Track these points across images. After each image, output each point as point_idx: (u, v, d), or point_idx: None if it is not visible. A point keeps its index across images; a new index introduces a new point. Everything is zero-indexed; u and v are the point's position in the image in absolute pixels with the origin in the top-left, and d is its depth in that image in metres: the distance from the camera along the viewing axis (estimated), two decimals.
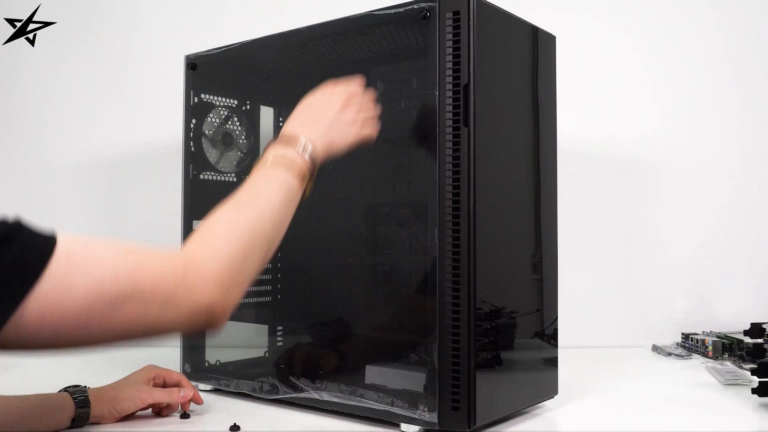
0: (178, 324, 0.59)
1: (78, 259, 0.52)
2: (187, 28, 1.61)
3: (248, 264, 0.65)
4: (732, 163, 1.57)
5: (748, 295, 1.55)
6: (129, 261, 0.55)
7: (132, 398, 0.91)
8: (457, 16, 0.86)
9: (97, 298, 0.52)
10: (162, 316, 0.56)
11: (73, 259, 0.52)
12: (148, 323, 0.56)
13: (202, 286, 0.59)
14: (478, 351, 0.84)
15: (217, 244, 0.63)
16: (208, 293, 0.59)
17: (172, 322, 0.58)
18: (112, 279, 0.53)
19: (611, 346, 1.50)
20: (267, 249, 0.69)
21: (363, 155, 1.03)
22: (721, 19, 1.58)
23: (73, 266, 0.52)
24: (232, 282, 0.62)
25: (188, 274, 0.58)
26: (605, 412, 1.00)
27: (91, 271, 0.52)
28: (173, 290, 0.57)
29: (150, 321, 0.56)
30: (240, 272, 0.63)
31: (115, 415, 0.90)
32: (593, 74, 1.57)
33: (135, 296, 0.54)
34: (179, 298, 0.57)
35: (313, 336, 1.08)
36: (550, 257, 1.00)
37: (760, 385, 0.97)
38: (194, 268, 0.59)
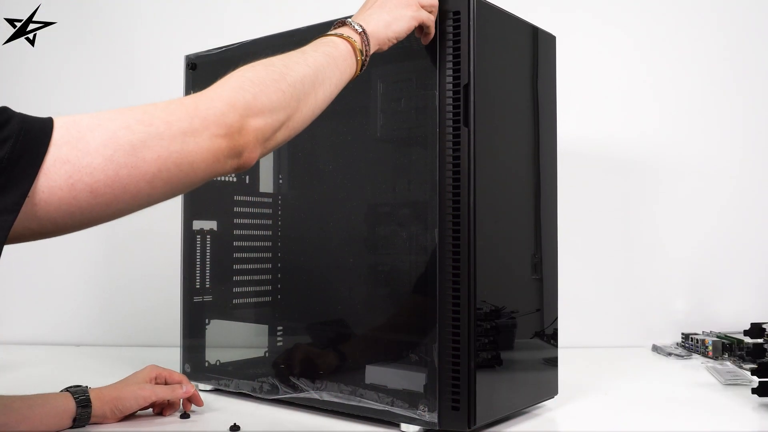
0: (205, 159, 0.58)
1: (88, 122, 0.54)
2: (187, 28, 1.61)
3: (269, 97, 0.64)
4: (732, 163, 1.57)
5: (748, 295, 1.55)
6: (136, 110, 0.57)
7: (134, 396, 0.91)
8: (457, 16, 0.86)
9: (117, 146, 0.54)
10: (185, 150, 0.57)
11: (82, 123, 0.54)
12: (175, 162, 0.56)
13: (215, 110, 0.59)
14: (478, 351, 0.84)
15: (231, 77, 0.64)
16: (222, 116, 0.59)
17: (198, 155, 0.58)
18: (124, 127, 0.55)
19: (611, 346, 1.50)
20: (297, 95, 0.67)
21: (363, 155, 1.03)
22: (721, 19, 1.58)
23: (85, 129, 0.53)
24: (247, 106, 0.61)
25: (199, 104, 0.59)
26: (605, 412, 1.00)
27: (103, 127, 0.54)
28: (188, 121, 0.57)
29: (176, 159, 0.56)
30: (256, 99, 0.62)
31: (117, 415, 0.90)
32: (593, 74, 1.57)
33: (152, 136, 0.55)
34: (195, 128, 0.57)
35: (313, 336, 1.08)
36: (550, 257, 1.00)
37: (760, 385, 0.97)
38: (206, 97, 0.60)
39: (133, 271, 1.60)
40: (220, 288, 1.16)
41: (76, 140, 0.53)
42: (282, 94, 0.66)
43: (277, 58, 0.70)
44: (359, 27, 0.76)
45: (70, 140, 0.53)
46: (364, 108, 0.99)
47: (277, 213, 1.18)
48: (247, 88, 0.63)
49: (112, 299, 1.61)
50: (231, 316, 1.17)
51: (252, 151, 0.62)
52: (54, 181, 0.52)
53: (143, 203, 0.58)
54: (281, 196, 1.18)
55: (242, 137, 0.61)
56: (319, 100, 0.71)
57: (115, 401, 0.89)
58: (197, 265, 1.15)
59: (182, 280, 1.16)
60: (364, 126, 1.02)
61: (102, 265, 1.62)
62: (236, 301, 1.16)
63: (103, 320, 1.60)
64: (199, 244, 1.15)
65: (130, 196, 0.56)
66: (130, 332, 1.58)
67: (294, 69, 0.68)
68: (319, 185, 1.10)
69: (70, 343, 1.57)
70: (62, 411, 0.85)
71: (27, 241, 0.54)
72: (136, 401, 0.91)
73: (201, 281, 1.16)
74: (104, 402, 0.89)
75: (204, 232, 1.16)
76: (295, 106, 0.67)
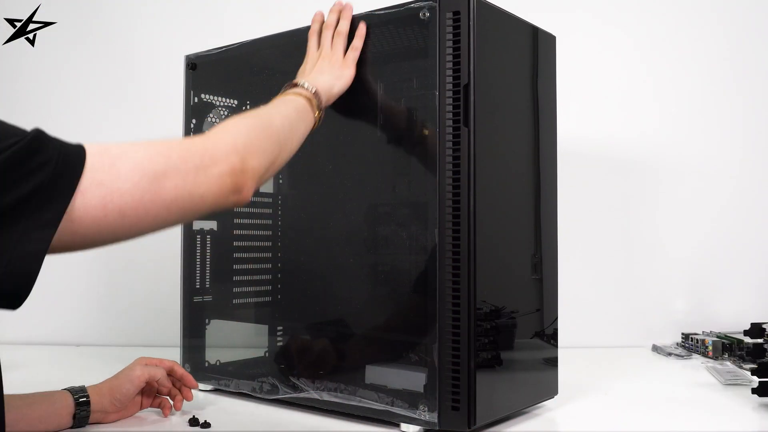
0: (212, 192, 0.67)
1: (116, 151, 0.62)
2: (187, 28, 1.61)
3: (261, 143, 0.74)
4: (732, 163, 1.57)
5: (748, 295, 1.55)
6: (156, 144, 0.65)
7: (128, 379, 0.92)
8: (457, 16, 0.86)
9: (143, 174, 0.61)
10: (198, 183, 0.65)
11: (112, 152, 0.61)
12: (189, 192, 0.65)
13: (221, 152, 0.69)
14: (478, 351, 0.84)
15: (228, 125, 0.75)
16: (227, 157, 0.69)
17: (207, 188, 0.66)
18: (148, 159, 0.63)
19: (611, 346, 1.50)
20: (279, 142, 0.78)
21: (363, 155, 1.03)
22: (721, 19, 1.58)
23: (114, 157, 0.61)
24: (246, 149, 0.71)
25: (207, 145, 0.69)
26: (605, 412, 1.00)
27: (130, 156, 0.62)
28: (200, 159, 0.66)
29: (190, 189, 0.65)
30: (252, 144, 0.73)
31: (116, 405, 0.91)
32: (593, 74, 1.57)
33: (171, 168, 0.64)
34: (206, 165, 0.67)
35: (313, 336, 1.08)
36: (550, 257, 1.00)
37: (760, 385, 0.97)
38: (212, 140, 0.70)
39: (133, 271, 1.60)
40: (220, 288, 1.16)
41: (109, 166, 0.60)
42: (270, 141, 0.76)
43: (261, 111, 0.81)
44: (312, 88, 0.88)
45: (103, 165, 0.59)
46: (364, 108, 0.99)
47: (277, 213, 1.18)
48: (245, 134, 0.73)
49: (112, 299, 1.61)
50: (231, 316, 1.17)
51: (249, 189, 0.72)
52: (90, 201, 0.58)
53: (159, 226, 0.65)
54: (281, 196, 1.18)
55: (243, 176, 0.70)
56: (293, 146, 0.83)
57: (111, 391, 0.91)
58: (197, 265, 1.15)
59: (182, 280, 1.16)
60: (364, 126, 1.02)
61: (102, 265, 1.62)
62: (236, 301, 1.16)
63: (103, 320, 1.60)
64: (199, 244, 1.15)
65: (150, 218, 0.63)
66: (130, 332, 1.58)
67: (276, 120, 0.80)
68: (319, 185, 1.10)
69: (70, 343, 1.57)
70: (61, 408, 0.86)
71: (59, 253, 0.60)
72: (131, 383, 0.92)
73: (201, 281, 1.16)
74: (101, 395, 0.90)
75: (204, 232, 1.16)
76: (278, 152, 0.78)
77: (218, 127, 0.74)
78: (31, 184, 0.55)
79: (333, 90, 0.91)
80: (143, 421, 0.94)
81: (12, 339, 1.57)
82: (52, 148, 0.57)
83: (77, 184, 0.57)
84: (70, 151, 0.58)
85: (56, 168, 0.56)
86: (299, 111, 0.85)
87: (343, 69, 0.93)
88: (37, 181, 0.55)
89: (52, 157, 0.56)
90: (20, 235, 0.54)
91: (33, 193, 0.55)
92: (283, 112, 0.83)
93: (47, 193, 0.56)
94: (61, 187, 0.56)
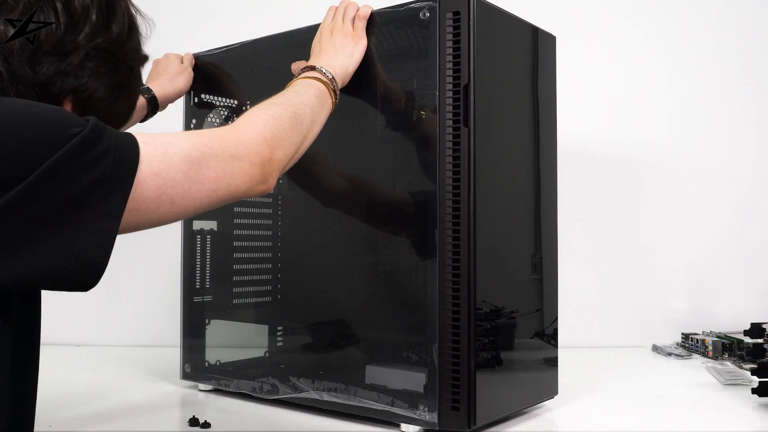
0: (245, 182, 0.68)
1: (165, 140, 0.62)
2: (186, 28, 1.61)
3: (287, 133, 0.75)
4: (732, 163, 1.57)
5: (748, 295, 1.55)
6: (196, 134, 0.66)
7: None
8: (457, 16, 0.86)
9: (191, 163, 0.63)
10: (234, 172, 0.67)
11: (162, 140, 0.62)
12: (227, 182, 0.66)
13: (252, 142, 0.70)
14: (478, 351, 0.84)
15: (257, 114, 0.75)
16: (258, 147, 0.70)
17: (240, 178, 0.68)
18: (193, 147, 0.64)
19: (611, 346, 1.50)
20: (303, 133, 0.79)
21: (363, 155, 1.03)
22: (723, 19, 1.58)
23: (166, 146, 0.62)
24: (274, 140, 0.73)
25: (240, 134, 0.70)
26: (605, 412, 1.00)
27: (178, 146, 0.63)
28: (234, 148, 0.68)
29: (228, 179, 0.66)
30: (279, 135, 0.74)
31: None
32: (593, 74, 1.57)
33: (211, 157, 0.65)
34: (240, 154, 0.68)
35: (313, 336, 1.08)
36: (550, 257, 1.00)
37: (760, 385, 0.97)
38: (243, 130, 0.72)
39: (133, 271, 1.60)
40: (220, 288, 1.16)
41: (163, 155, 0.61)
42: (294, 132, 0.77)
43: (286, 98, 0.82)
44: (329, 73, 0.88)
45: (158, 155, 0.60)
46: (364, 108, 0.99)
47: (277, 213, 1.18)
48: (273, 125, 0.74)
49: (112, 299, 1.61)
50: (231, 316, 1.17)
51: (273, 179, 0.73)
52: (146, 191, 0.59)
53: (198, 213, 0.67)
54: (281, 196, 1.18)
55: (270, 166, 0.71)
56: (314, 134, 0.84)
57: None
58: (197, 265, 1.15)
59: (182, 280, 1.16)
60: (364, 126, 1.02)
61: None
62: (236, 301, 1.16)
63: (103, 320, 1.60)
64: (199, 244, 1.15)
65: (194, 207, 0.64)
66: (130, 332, 1.58)
67: (300, 110, 0.80)
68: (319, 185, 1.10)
69: (70, 343, 1.57)
70: None
71: None
72: None
73: (201, 281, 1.16)
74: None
75: (204, 232, 1.16)
76: (301, 142, 0.79)
77: (247, 115, 0.75)
78: (94, 173, 0.55)
79: (348, 69, 0.92)
80: (143, 422, 0.94)
81: None
82: (109, 137, 0.57)
83: (136, 173, 0.57)
84: (126, 140, 0.58)
85: (116, 157, 0.56)
86: (320, 97, 0.85)
87: (356, 44, 0.94)
88: (100, 171, 0.55)
89: (111, 147, 0.56)
90: (88, 225, 0.54)
91: (96, 183, 0.55)
92: (306, 100, 0.83)
93: (110, 182, 0.56)
94: (123, 176, 0.57)
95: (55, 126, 0.54)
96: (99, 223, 0.55)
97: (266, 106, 0.78)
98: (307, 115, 0.81)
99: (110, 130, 0.58)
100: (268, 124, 0.74)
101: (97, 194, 0.55)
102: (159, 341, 1.50)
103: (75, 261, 0.54)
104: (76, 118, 0.56)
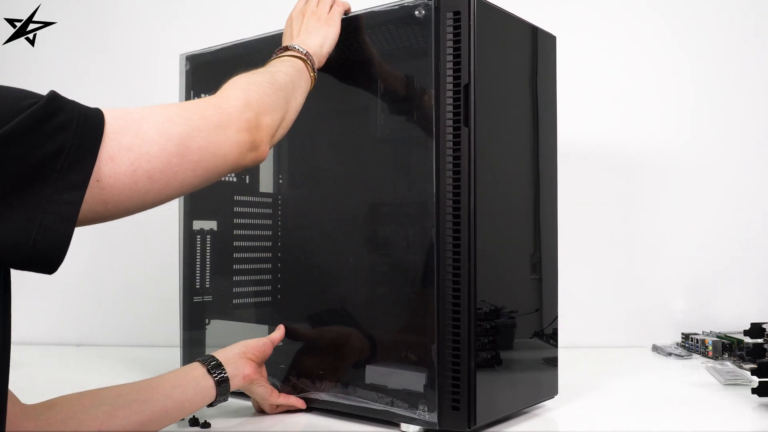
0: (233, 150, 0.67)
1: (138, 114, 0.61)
2: (187, 28, 1.61)
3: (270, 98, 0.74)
4: (732, 162, 1.57)
5: (748, 295, 1.55)
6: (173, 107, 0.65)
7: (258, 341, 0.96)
8: (458, 16, 0.86)
9: (168, 137, 0.61)
10: (220, 142, 0.66)
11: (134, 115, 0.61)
12: (213, 152, 0.65)
13: (235, 109, 0.69)
14: (478, 351, 0.84)
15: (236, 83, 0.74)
16: (242, 113, 0.69)
17: (228, 147, 0.67)
18: (169, 120, 0.62)
19: (611, 346, 1.50)
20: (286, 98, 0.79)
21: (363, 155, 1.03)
22: (723, 19, 1.58)
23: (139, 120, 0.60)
24: (258, 105, 0.72)
25: (222, 104, 0.69)
26: (605, 412, 1.00)
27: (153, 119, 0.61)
28: (217, 117, 0.67)
29: (213, 149, 0.65)
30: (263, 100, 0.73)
31: (253, 362, 0.94)
32: (593, 74, 1.57)
33: (194, 129, 0.64)
34: (224, 123, 0.67)
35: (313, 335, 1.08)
36: (550, 257, 1.00)
37: (760, 385, 0.97)
38: (225, 99, 0.70)
39: (133, 271, 1.60)
40: (220, 288, 1.16)
41: (135, 129, 0.59)
42: (277, 97, 0.76)
43: (263, 70, 0.81)
44: (303, 49, 0.88)
45: (129, 129, 0.59)
46: (364, 108, 0.99)
47: (277, 213, 1.18)
48: (255, 90, 0.73)
49: (112, 299, 1.61)
50: (231, 316, 1.17)
51: (265, 146, 0.72)
52: (119, 167, 0.57)
53: (186, 189, 0.65)
54: (281, 196, 1.18)
55: (258, 132, 0.71)
56: (298, 103, 0.83)
57: (241, 352, 0.93)
58: (197, 265, 1.15)
59: (182, 280, 1.16)
60: (364, 126, 1.02)
61: (102, 265, 1.62)
62: (236, 301, 1.16)
63: (103, 320, 1.60)
64: (199, 244, 1.15)
65: (178, 182, 0.62)
66: (130, 332, 1.58)
67: (279, 77, 0.80)
68: (319, 185, 1.10)
69: (70, 343, 1.57)
70: (200, 377, 0.87)
71: (91, 224, 0.59)
72: (262, 340, 0.97)
73: (201, 281, 1.16)
74: (227, 356, 0.91)
75: (204, 232, 1.16)
76: (286, 108, 0.78)
77: (226, 86, 0.74)
78: (53, 144, 0.54)
79: (323, 50, 0.92)
80: None
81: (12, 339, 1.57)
82: (71, 110, 0.56)
83: (101, 144, 0.56)
84: (90, 113, 0.57)
85: (78, 129, 0.55)
86: (297, 69, 0.85)
87: (329, 27, 0.93)
88: (60, 142, 0.54)
89: (72, 118, 0.55)
90: (49, 196, 0.53)
91: (56, 155, 0.54)
92: (284, 70, 0.82)
93: (72, 154, 0.54)
94: (86, 148, 0.55)
95: (12, 97, 0.54)
96: (61, 194, 0.54)
97: (245, 76, 0.77)
98: (287, 82, 0.80)
99: (73, 103, 0.57)
100: (250, 90, 0.73)
101: (58, 166, 0.54)
102: (159, 341, 1.50)
103: (37, 232, 0.52)
104: (34, 93, 0.56)
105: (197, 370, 0.88)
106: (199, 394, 0.86)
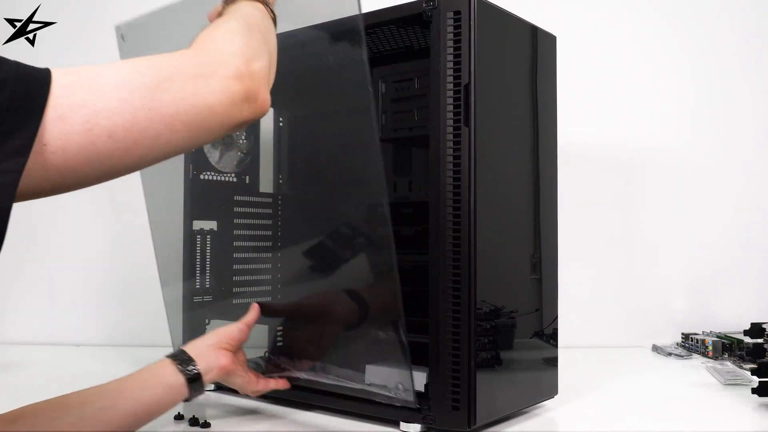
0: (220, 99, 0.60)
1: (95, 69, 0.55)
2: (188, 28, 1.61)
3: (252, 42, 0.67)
4: (732, 163, 1.57)
5: (748, 295, 1.55)
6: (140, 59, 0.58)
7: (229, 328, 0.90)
8: (458, 16, 0.86)
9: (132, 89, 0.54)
10: (199, 93, 0.58)
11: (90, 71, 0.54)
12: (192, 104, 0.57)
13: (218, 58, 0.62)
14: (478, 351, 0.84)
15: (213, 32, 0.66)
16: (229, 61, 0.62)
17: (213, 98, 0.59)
18: (134, 71, 0.56)
19: (611, 346, 1.50)
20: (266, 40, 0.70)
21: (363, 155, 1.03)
22: (724, 19, 1.58)
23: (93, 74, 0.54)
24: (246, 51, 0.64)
25: (200, 54, 0.62)
26: (605, 412, 1.00)
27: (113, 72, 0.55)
28: (197, 67, 0.59)
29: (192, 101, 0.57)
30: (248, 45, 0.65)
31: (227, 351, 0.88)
32: (593, 74, 1.57)
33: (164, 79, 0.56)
34: (205, 73, 0.59)
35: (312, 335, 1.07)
36: (550, 257, 1.00)
37: (760, 385, 0.97)
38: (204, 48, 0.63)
39: (133, 271, 1.60)
40: (220, 288, 1.16)
41: (89, 85, 0.53)
42: (258, 40, 0.68)
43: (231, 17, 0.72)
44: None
45: (82, 85, 0.52)
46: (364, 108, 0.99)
47: (277, 213, 1.18)
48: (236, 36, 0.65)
49: (112, 299, 1.61)
50: (231, 316, 1.16)
51: (264, 94, 0.64)
52: (71, 126, 0.51)
53: (166, 149, 0.58)
54: (281, 196, 1.18)
55: (252, 80, 0.63)
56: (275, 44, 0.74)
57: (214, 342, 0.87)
58: (197, 265, 1.15)
59: (182, 280, 1.16)
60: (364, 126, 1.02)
61: (102, 265, 1.62)
62: (236, 301, 1.16)
63: (103, 320, 1.60)
64: (199, 244, 1.15)
65: (150, 140, 0.55)
66: (130, 332, 1.58)
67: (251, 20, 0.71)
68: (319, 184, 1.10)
69: (70, 343, 1.57)
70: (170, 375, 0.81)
71: (49, 196, 0.54)
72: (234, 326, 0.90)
73: (201, 281, 1.16)
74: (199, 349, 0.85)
75: (204, 232, 1.16)
76: (268, 49, 0.70)
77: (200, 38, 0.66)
78: None
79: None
80: None
81: (12, 339, 1.57)
82: (8, 68, 0.50)
83: (46, 104, 0.50)
84: (31, 71, 0.51)
85: (15, 88, 0.49)
86: (260, 10, 0.76)
87: None
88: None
89: (8, 77, 0.49)
90: None
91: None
92: (245, 12, 0.73)
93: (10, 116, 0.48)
94: (26, 108, 0.49)
95: None
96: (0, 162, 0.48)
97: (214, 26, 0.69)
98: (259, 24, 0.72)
99: (11, 62, 0.51)
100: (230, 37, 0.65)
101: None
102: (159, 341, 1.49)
103: None
104: None
105: (166, 368, 0.81)
106: (169, 393, 0.79)
